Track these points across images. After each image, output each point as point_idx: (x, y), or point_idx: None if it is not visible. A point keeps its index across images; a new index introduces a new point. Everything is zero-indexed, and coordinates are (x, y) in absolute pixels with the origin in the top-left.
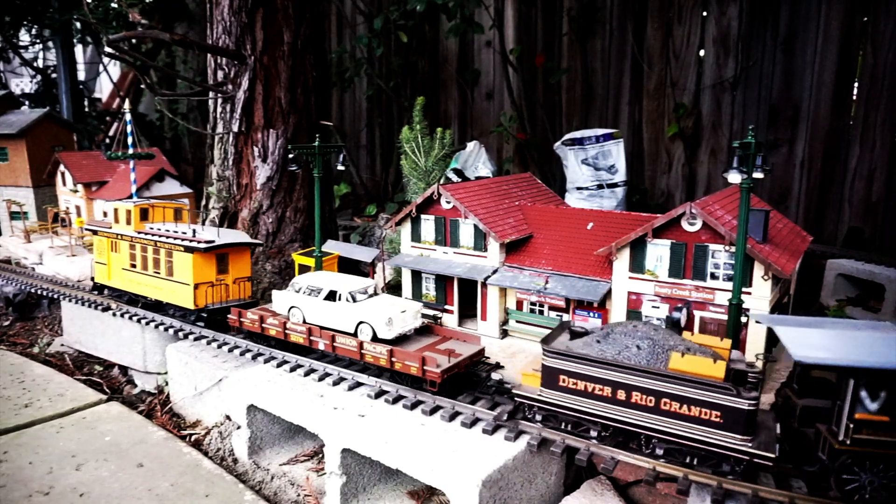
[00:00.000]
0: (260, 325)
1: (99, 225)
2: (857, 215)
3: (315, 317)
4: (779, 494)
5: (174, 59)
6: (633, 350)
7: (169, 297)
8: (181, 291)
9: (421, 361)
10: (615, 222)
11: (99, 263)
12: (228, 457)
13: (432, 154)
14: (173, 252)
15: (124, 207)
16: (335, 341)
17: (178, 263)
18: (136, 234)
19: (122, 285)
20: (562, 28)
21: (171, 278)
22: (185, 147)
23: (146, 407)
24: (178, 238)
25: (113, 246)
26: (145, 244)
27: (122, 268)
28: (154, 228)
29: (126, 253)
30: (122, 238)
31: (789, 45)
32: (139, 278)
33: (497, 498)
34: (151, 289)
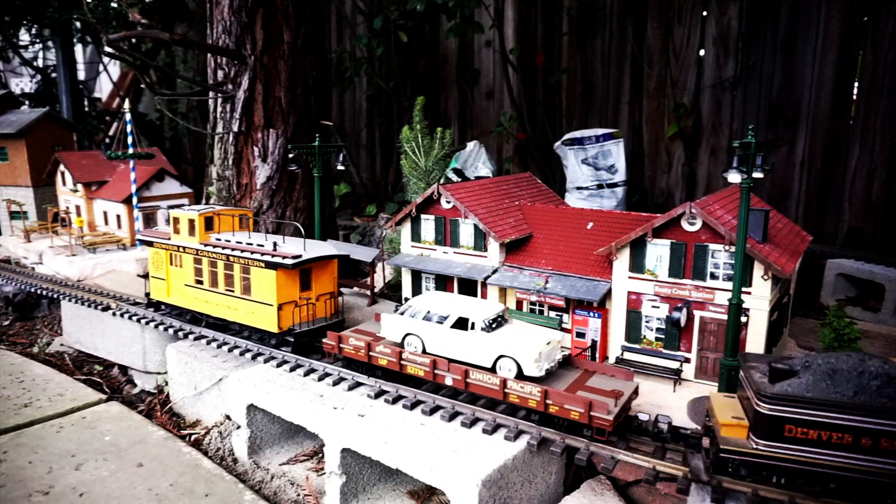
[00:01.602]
0: (367, 354)
1: (155, 235)
2: (856, 215)
3: (439, 347)
4: (778, 493)
5: (174, 59)
6: (873, 389)
7: (245, 318)
8: (262, 313)
9: (587, 406)
10: (615, 222)
11: (155, 278)
12: (228, 456)
13: (432, 154)
14: (251, 268)
15: (186, 216)
16: (468, 377)
17: (257, 281)
18: (202, 247)
19: (185, 303)
20: (562, 28)
21: (248, 297)
22: (185, 147)
23: (146, 407)
24: (258, 252)
25: (173, 259)
26: (214, 258)
27: (184, 284)
28: (222, 240)
29: (190, 268)
30: (184, 251)
31: (789, 45)
32: (206, 296)
33: (497, 497)
34: (222, 308)
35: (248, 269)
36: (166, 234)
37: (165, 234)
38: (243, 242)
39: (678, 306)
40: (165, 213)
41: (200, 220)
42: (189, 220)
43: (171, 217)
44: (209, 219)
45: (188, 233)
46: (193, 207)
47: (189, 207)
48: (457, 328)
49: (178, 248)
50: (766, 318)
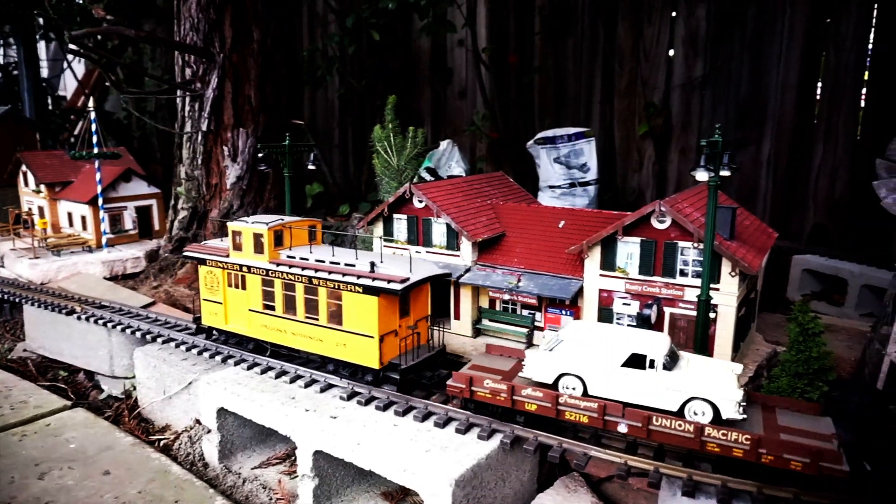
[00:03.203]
0: (510, 398)
1: (207, 251)
2: (821, 212)
3: (606, 388)
4: (743, 484)
5: (142, 57)
6: None
7: (333, 350)
8: (358, 345)
9: (815, 455)
10: (586, 220)
11: (208, 302)
12: (198, 461)
13: (404, 153)
14: (343, 293)
15: (251, 231)
16: (651, 424)
17: (352, 308)
18: (273, 267)
19: (249, 331)
20: (534, 27)
21: (337, 327)
22: (154, 146)
23: (113, 412)
24: (353, 274)
25: (233, 280)
26: (291, 280)
27: (248, 309)
28: (297, 257)
29: (257, 290)
30: (250, 271)
31: (756, 46)
32: (279, 324)
33: (470, 497)
34: (300, 339)
35: (338, 293)
36: (222, 249)
37: (221, 251)
38: (326, 261)
39: (649, 303)
40: (132, 213)
41: (270, 235)
42: (255, 236)
43: (231, 231)
44: (278, 233)
45: (254, 250)
46: (259, 219)
47: (254, 219)
48: (630, 366)
49: (241, 268)
50: (733, 314)
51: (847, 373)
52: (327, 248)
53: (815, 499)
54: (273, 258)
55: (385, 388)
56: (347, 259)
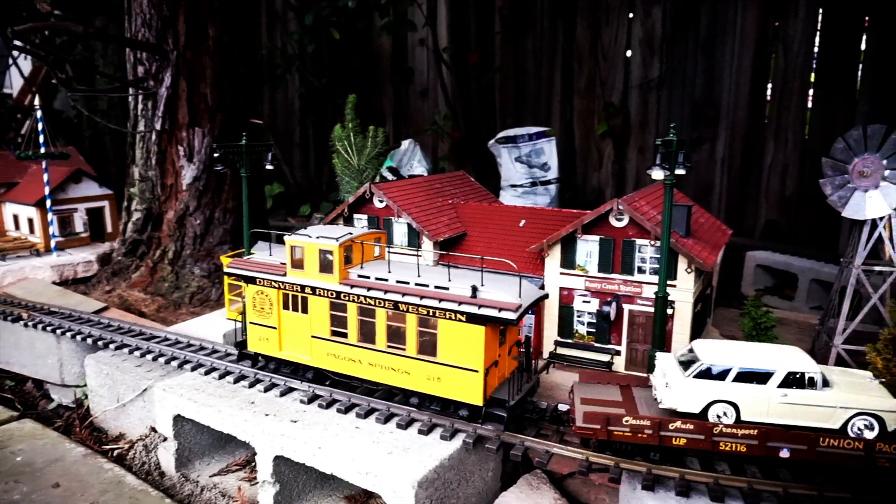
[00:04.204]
0: (656, 435)
1: (256, 268)
2: (773, 209)
3: (760, 412)
4: (702, 476)
5: (93, 54)
6: None
7: (423, 385)
8: (456, 380)
9: None
10: (546, 219)
11: (257, 325)
12: (154, 471)
13: (365, 152)
14: (440, 321)
15: (317, 247)
16: (819, 445)
17: (450, 338)
18: (346, 288)
19: (313, 360)
20: (494, 27)
21: (429, 359)
22: (107, 146)
23: (63, 422)
24: (453, 299)
25: (291, 302)
26: (370, 304)
27: (311, 335)
28: (372, 277)
29: (324, 315)
30: (315, 293)
31: (709, 48)
32: (352, 353)
33: (433, 498)
34: (381, 371)
35: (432, 321)
36: (274, 266)
37: (273, 268)
38: (411, 283)
39: (608, 300)
40: (83, 215)
41: (340, 252)
42: (322, 253)
43: (290, 246)
44: (348, 249)
45: (319, 268)
46: (323, 232)
47: (317, 232)
48: (787, 387)
49: (302, 289)
50: (690, 310)
51: None
52: (405, 266)
53: None
54: (343, 278)
55: (488, 426)
56: (437, 280)
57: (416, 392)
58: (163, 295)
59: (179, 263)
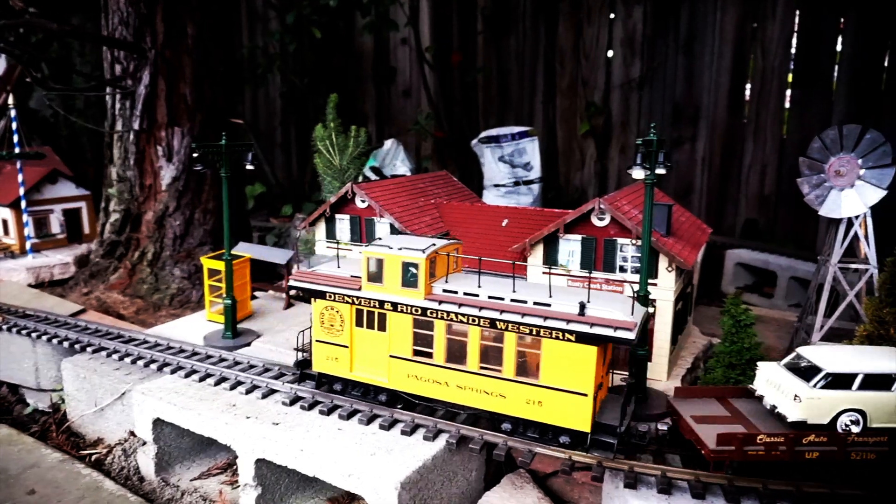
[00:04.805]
0: (790, 451)
1: (324, 281)
2: (752, 207)
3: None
4: (684, 473)
5: (69, 52)
6: None
7: (523, 410)
8: (562, 405)
9: None
10: (529, 218)
11: (325, 344)
12: (133, 475)
13: (347, 152)
14: (544, 341)
15: (400, 259)
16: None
17: (557, 359)
18: (433, 304)
19: (392, 382)
20: (477, 27)
21: (532, 382)
22: (84, 146)
23: (39, 427)
24: (559, 318)
25: (367, 319)
26: (461, 322)
27: (390, 355)
28: (461, 293)
29: (405, 333)
30: (397, 309)
31: (689, 48)
32: (439, 375)
33: (417, 499)
34: (472, 395)
35: (533, 340)
36: (344, 280)
37: (344, 281)
38: (506, 299)
39: None
40: (59, 216)
41: (426, 265)
42: (405, 266)
43: (367, 258)
44: (433, 261)
45: (402, 283)
46: (405, 243)
47: (399, 244)
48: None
49: (381, 305)
50: (671, 308)
51: None
52: (496, 280)
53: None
54: (428, 293)
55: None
56: (535, 295)
57: (510, 417)
58: (142, 297)
59: (159, 265)
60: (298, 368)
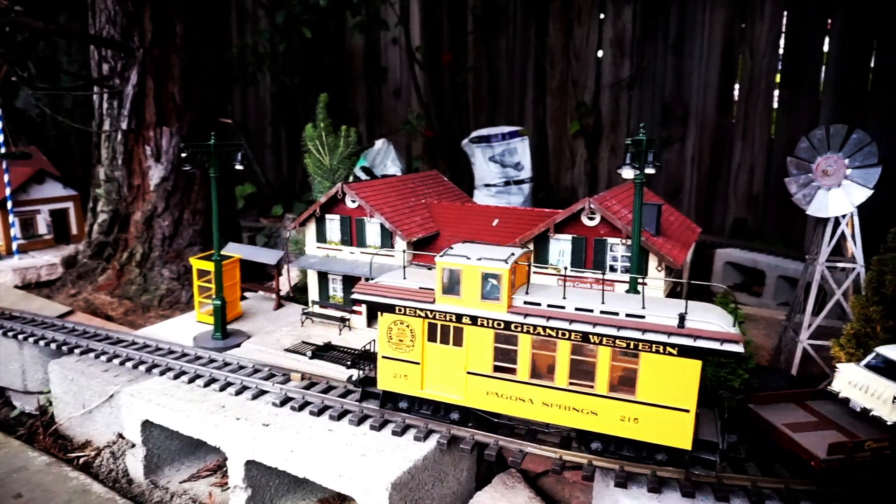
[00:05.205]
0: None
1: (392, 293)
2: (741, 207)
3: None
4: (673, 472)
5: (56, 51)
6: None
7: (617, 427)
8: (661, 421)
9: None
10: (520, 218)
11: (392, 360)
12: (122, 478)
13: (337, 152)
14: (642, 355)
15: (480, 270)
16: None
17: (656, 374)
18: (517, 318)
19: (468, 399)
20: (467, 27)
21: (628, 398)
22: (72, 146)
23: (26, 430)
24: (660, 330)
25: (441, 334)
26: (549, 337)
27: (466, 371)
28: (545, 305)
29: (485, 348)
30: (476, 323)
31: (678, 48)
32: (523, 392)
33: (408, 499)
34: (560, 412)
35: (630, 354)
36: (414, 292)
37: (414, 293)
38: (596, 311)
39: None
40: (46, 216)
41: (508, 276)
42: (485, 277)
43: (442, 269)
44: (513, 272)
45: (481, 295)
46: (484, 252)
47: (477, 253)
48: None
49: (458, 319)
50: None
51: (766, 360)
52: (578, 291)
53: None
54: (512, 307)
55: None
56: (626, 306)
57: (600, 435)
58: (130, 298)
59: (147, 266)
60: (360, 386)
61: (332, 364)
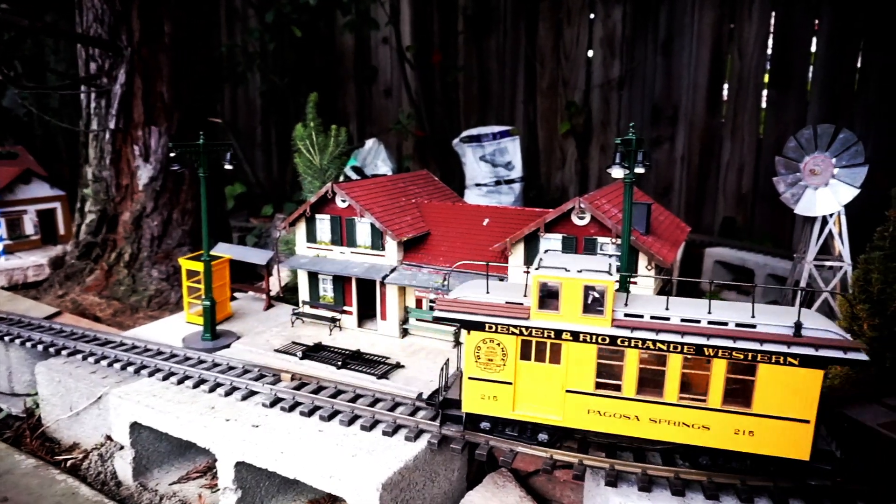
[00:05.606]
0: None
1: (479, 310)
2: (730, 206)
3: None
4: (663, 470)
5: (43, 49)
6: None
7: (730, 441)
8: (779, 433)
9: None
10: (510, 218)
11: (479, 381)
12: (111, 481)
13: (327, 152)
14: (761, 366)
15: (581, 283)
16: None
17: (774, 385)
18: (625, 333)
19: (567, 419)
20: (457, 26)
21: (743, 411)
22: (59, 145)
23: (13, 433)
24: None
25: (536, 351)
26: (658, 351)
27: (566, 390)
28: (647, 317)
29: (586, 364)
30: (578, 339)
31: (668, 48)
32: (629, 409)
33: (398, 499)
34: (668, 428)
35: (747, 366)
36: (504, 307)
37: (507, 309)
38: (703, 321)
39: None
40: (33, 217)
41: (612, 289)
42: (588, 290)
43: (539, 283)
44: None
45: (583, 309)
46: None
47: (575, 264)
48: None
49: (557, 335)
50: None
51: None
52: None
53: None
54: (616, 321)
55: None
56: (734, 316)
57: (710, 450)
58: (119, 299)
59: (136, 266)
60: (440, 409)
61: (323, 364)
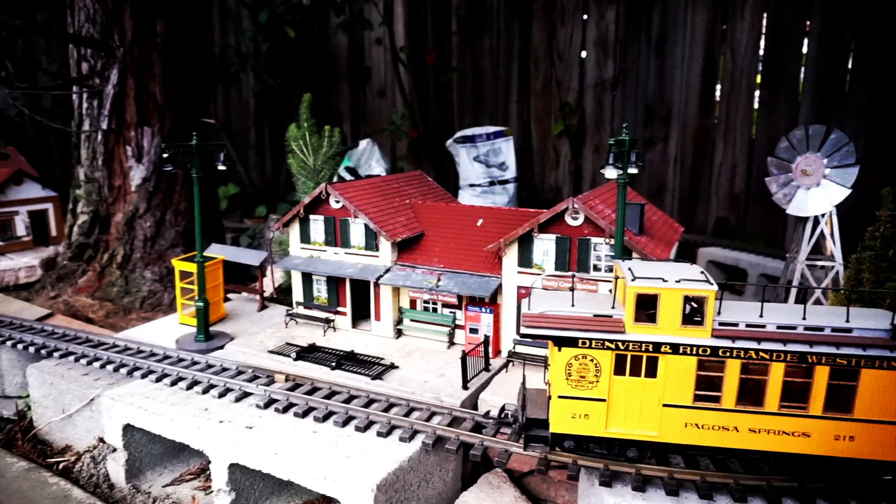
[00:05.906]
0: None
1: (569, 325)
2: (723, 206)
3: None
4: (657, 470)
5: (35, 50)
6: None
7: (831, 447)
8: (879, 437)
9: None
10: (504, 218)
11: (570, 399)
12: (103, 483)
13: (321, 152)
14: (864, 371)
15: (681, 293)
16: None
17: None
18: (726, 344)
19: (664, 434)
20: (451, 27)
21: (846, 417)
22: (52, 146)
23: (4, 436)
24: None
25: (630, 366)
26: (761, 361)
27: (662, 404)
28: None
29: (687, 378)
30: (678, 352)
31: (661, 49)
32: (728, 420)
33: (393, 500)
34: (768, 438)
35: (850, 372)
36: (594, 321)
37: (597, 323)
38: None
39: None
40: (25, 218)
41: (713, 298)
42: (688, 301)
43: (636, 294)
44: None
45: (682, 320)
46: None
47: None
48: None
49: (656, 348)
50: None
51: None
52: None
53: None
54: (717, 332)
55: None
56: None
57: (810, 457)
58: (112, 300)
59: (129, 267)
60: (521, 431)
61: (317, 365)
